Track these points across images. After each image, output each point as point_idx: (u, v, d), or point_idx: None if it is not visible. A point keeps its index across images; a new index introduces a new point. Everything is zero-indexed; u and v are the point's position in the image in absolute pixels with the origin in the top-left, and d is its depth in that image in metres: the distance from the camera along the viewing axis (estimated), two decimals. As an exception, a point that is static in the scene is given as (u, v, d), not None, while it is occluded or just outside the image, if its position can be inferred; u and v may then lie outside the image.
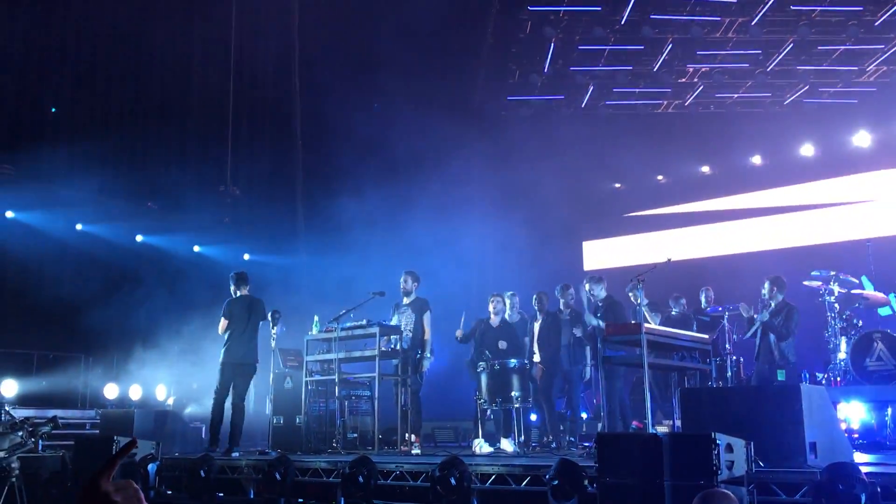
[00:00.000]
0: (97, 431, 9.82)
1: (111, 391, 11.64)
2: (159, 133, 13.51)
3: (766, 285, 9.39)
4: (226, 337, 9.09)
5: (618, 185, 16.86)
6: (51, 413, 10.67)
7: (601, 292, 9.03)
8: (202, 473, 7.59)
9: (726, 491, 3.43)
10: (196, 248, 14.43)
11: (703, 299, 11.07)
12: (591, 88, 15.14)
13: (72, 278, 12.57)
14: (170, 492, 8.19)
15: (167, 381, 12.20)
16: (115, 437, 8.36)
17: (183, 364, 12.01)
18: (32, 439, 8.82)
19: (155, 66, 13.78)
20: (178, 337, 12.34)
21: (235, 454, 8.52)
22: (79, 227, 12.73)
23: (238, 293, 9.32)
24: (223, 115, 14.12)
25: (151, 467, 7.96)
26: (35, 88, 12.28)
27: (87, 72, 12.87)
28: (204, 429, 10.60)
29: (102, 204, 12.52)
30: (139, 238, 13.57)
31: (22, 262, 12.07)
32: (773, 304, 9.29)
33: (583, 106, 15.63)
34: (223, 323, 9.10)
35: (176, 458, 8.61)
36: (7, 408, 9.76)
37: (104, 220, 12.88)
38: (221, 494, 7.77)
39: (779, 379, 8.85)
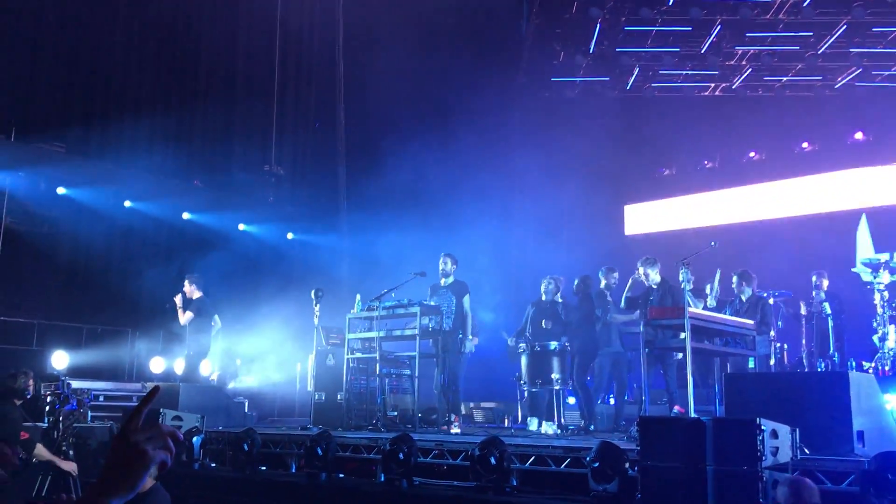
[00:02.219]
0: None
1: (157, 365, 11.87)
2: (206, 112, 13.66)
3: (734, 279, 9.41)
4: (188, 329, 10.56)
5: (666, 172, 16.50)
6: (101, 385, 10.99)
7: (655, 276, 8.87)
8: (245, 447, 7.73)
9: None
10: (241, 227, 14.60)
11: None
12: (637, 70, 14.97)
13: (119, 254, 12.83)
14: (213, 464, 8.36)
15: (211, 356, 12.40)
16: (161, 410, 8.57)
17: (226, 340, 12.20)
18: (81, 410, 9.09)
19: (202, 45, 13.92)
20: (222, 314, 12.54)
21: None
22: (127, 203, 12.93)
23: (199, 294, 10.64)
24: (268, 95, 14.25)
25: (196, 440, 8.14)
26: (84, 68, 12.49)
27: (135, 51, 13.05)
28: (247, 404, 10.82)
29: (150, 181, 12.71)
30: (186, 216, 13.75)
31: (72, 238, 12.34)
32: (743, 298, 9.33)
33: (628, 88, 15.46)
34: (189, 316, 10.46)
35: (220, 431, 8.77)
36: (63, 378, 10.04)
37: (151, 198, 13.08)
38: (264, 468, 7.91)
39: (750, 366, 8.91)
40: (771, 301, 9.73)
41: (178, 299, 10.54)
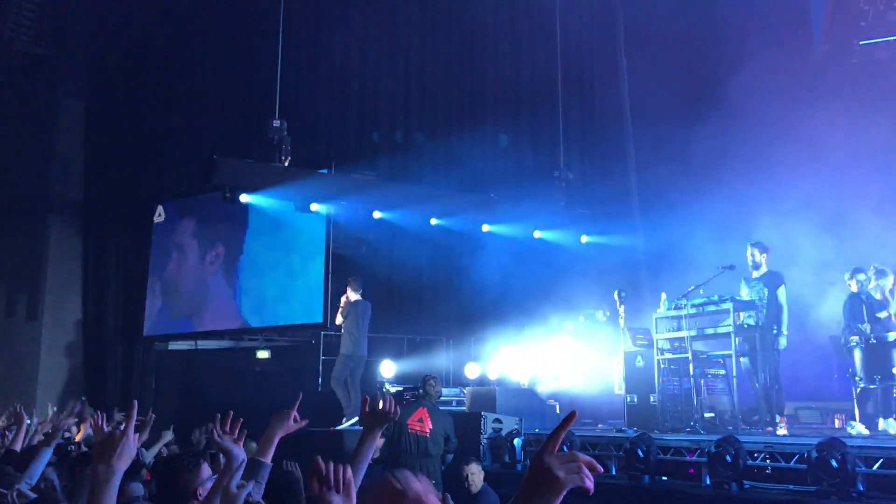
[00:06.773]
0: (464, 408, 10.63)
1: (472, 370, 12.51)
2: (495, 126, 14.26)
3: None
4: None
5: None
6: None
7: None
8: (565, 448, 7.84)
9: None
10: (536, 234, 14.96)
11: None
12: (967, 17, 13.05)
13: (429, 268, 13.77)
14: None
15: (520, 361, 12.84)
16: (482, 413, 9.08)
17: (534, 345, 12.57)
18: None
19: (487, 63, 14.60)
20: (527, 319, 12.94)
21: None
22: (433, 221, 13.80)
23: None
24: (552, 102, 14.51)
25: (517, 441, 8.49)
26: (384, 101, 13.80)
27: (427, 78, 14.06)
28: (558, 406, 11.05)
29: (451, 199, 13.52)
30: (485, 228, 14.36)
31: (388, 257, 13.51)
32: None
33: (956, 39, 13.52)
34: (339, 319, 11.09)
35: (537, 433, 9.05)
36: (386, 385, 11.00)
37: (453, 214, 13.85)
38: (584, 470, 8.00)
39: None
40: None
41: (343, 299, 11.26)
